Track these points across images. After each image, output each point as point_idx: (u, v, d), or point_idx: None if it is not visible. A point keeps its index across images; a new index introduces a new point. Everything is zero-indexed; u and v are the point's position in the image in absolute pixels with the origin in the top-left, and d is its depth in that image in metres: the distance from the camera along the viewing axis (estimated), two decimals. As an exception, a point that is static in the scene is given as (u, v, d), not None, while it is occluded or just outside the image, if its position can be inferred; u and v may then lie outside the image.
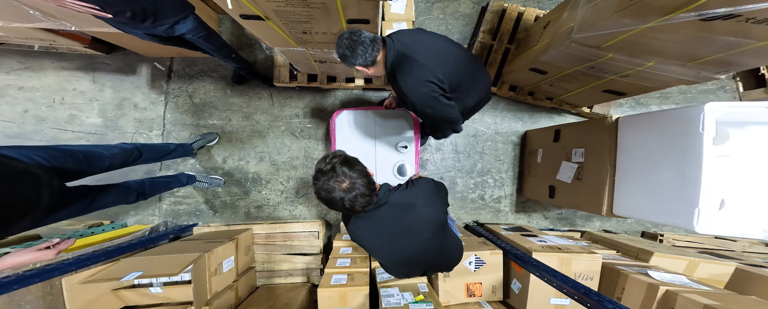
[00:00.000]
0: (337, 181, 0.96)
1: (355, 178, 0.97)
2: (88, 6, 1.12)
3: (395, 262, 1.21)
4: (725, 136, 1.25)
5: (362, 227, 1.15)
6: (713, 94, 2.36)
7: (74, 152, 1.28)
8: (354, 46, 1.16)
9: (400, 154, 1.87)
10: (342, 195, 0.96)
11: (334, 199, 0.97)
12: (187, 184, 2.04)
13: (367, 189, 0.99)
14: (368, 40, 1.17)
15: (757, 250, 2.13)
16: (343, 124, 1.82)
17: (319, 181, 0.97)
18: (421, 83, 1.22)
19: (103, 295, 1.37)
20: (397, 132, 1.86)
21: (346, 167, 0.97)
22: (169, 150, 1.87)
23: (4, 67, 2.17)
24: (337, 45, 1.20)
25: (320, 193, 0.98)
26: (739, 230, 1.10)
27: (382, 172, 1.86)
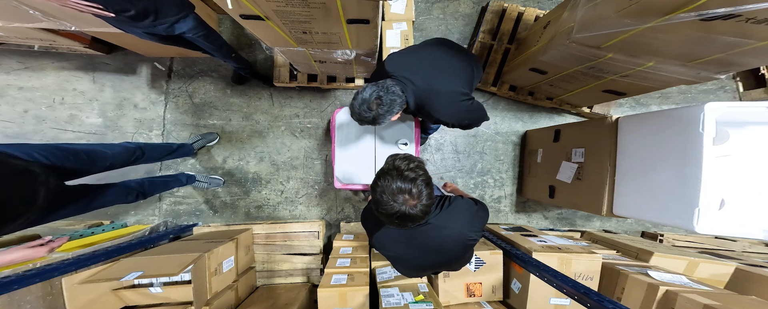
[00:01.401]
0: (409, 195, 0.87)
1: (424, 202, 0.89)
2: (91, 5, 1.11)
3: (415, 270, 1.21)
4: (725, 136, 1.25)
5: (393, 238, 1.08)
6: (713, 94, 2.36)
7: (77, 151, 1.27)
8: (392, 106, 1.20)
9: (398, 151, 1.83)
10: (403, 209, 0.87)
11: (389, 207, 0.88)
12: (186, 183, 2.05)
13: (424, 214, 0.91)
14: (397, 97, 1.20)
15: (757, 250, 2.13)
16: (343, 121, 1.78)
17: (391, 181, 0.88)
18: (454, 106, 1.28)
19: (103, 295, 1.37)
20: (397, 129, 1.82)
21: (426, 187, 0.89)
22: (171, 150, 1.87)
23: (4, 67, 2.17)
24: (366, 108, 1.19)
25: (382, 194, 0.88)
26: (739, 230, 1.10)
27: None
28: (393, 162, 0.93)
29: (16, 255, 0.97)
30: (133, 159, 1.55)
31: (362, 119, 1.23)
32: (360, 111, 1.21)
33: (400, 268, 1.21)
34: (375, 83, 1.21)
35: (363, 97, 1.19)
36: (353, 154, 1.75)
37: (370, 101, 1.18)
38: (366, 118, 1.22)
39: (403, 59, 1.31)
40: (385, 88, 1.19)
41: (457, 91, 1.27)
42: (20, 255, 0.98)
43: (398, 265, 1.20)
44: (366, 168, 1.75)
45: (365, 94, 1.18)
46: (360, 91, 1.21)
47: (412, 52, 1.34)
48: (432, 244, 1.06)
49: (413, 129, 1.82)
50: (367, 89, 1.19)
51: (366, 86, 1.21)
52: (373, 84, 1.21)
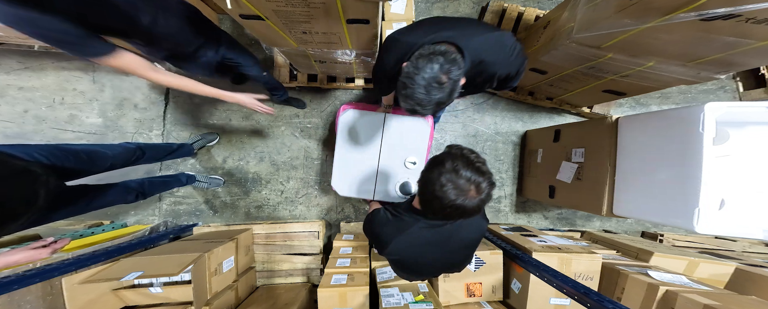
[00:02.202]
0: (477, 188, 0.80)
1: (483, 198, 0.81)
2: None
3: (428, 273, 1.18)
4: (725, 136, 1.25)
5: (421, 240, 1.00)
6: (713, 94, 2.36)
7: (77, 151, 1.27)
8: (460, 74, 0.92)
9: (404, 170, 1.65)
10: (465, 202, 0.80)
11: (450, 198, 0.80)
12: (186, 183, 2.04)
13: (479, 210, 0.84)
14: (460, 60, 0.92)
15: (757, 250, 2.13)
16: (349, 123, 1.62)
17: (460, 171, 0.79)
18: (511, 48, 1.05)
19: (103, 295, 1.37)
20: (407, 141, 1.61)
21: (491, 185, 0.82)
22: (171, 150, 1.87)
23: (4, 67, 2.17)
24: (436, 85, 0.89)
25: (446, 183, 0.79)
26: (739, 230, 1.10)
27: (382, 183, 1.66)
28: (460, 151, 0.84)
29: (18, 256, 0.97)
30: (134, 159, 1.55)
31: (427, 105, 0.92)
32: (429, 93, 0.89)
33: (408, 273, 1.17)
34: (418, 54, 0.90)
35: (425, 73, 0.87)
36: (354, 163, 1.61)
37: (438, 75, 0.87)
38: (433, 101, 0.91)
39: (414, 28, 1.05)
40: (440, 52, 0.88)
41: (501, 32, 1.04)
42: (23, 256, 0.97)
43: (407, 271, 1.14)
44: (366, 180, 1.63)
45: (428, 70, 0.87)
46: (413, 70, 0.89)
47: (417, 25, 1.08)
48: (462, 241, 1.04)
49: (425, 142, 1.62)
50: (421, 63, 0.88)
51: (413, 62, 0.90)
52: (418, 55, 0.90)
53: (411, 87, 0.90)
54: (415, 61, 0.90)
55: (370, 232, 1.10)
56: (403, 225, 1.00)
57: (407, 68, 0.91)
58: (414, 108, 0.95)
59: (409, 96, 0.92)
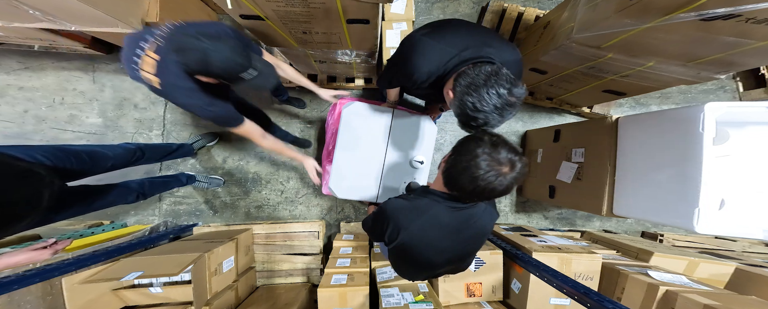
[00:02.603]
0: (511, 167, 0.79)
1: (517, 174, 0.80)
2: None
3: (424, 269, 1.12)
4: (725, 136, 1.25)
5: (437, 227, 0.97)
6: (713, 94, 2.36)
7: (78, 152, 1.27)
8: (521, 101, 0.90)
9: (410, 170, 1.55)
10: (494, 177, 0.79)
11: (479, 170, 0.78)
12: (186, 183, 2.04)
13: (510, 189, 0.83)
14: (522, 93, 0.89)
15: (757, 250, 2.13)
16: (353, 118, 1.48)
17: (498, 148, 0.79)
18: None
19: (103, 295, 1.37)
20: (413, 140, 1.52)
21: (522, 160, 0.82)
22: (170, 150, 1.87)
23: (4, 67, 2.17)
24: (509, 108, 0.88)
25: (483, 160, 0.78)
26: (739, 230, 1.10)
27: (387, 184, 1.55)
28: (495, 137, 0.84)
29: (20, 257, 0.96)
30: (134, 159, 1.55)
31: (499, 125, 0.92)
32: (503, 116, 0.89)
33: (410, 266, 1.13)
34: (473, 83, 0.88)
35: (496, 101, 0.86)
36: (356, 161, 1.48)
37: (508, 98, 0.86)
38: (505, 121, 0.93)
39: (445, 35, 1.03)
40: (497, 73, 0.88)
41: (516, 48, 1.07)
42: (24, 257, 0.97)
43: (410, 262, 1.09)
44: (368, 180, 1.51)
45: (495, 97, 0.85)
46: (478, 102, 0.86)
47: (443, 30, 1.06)
48: (476, 228, 1.02)
49: (432, 143, 1.54)
50: (484, 92, 0.86)
51: (474, 93, 0.87)
52: (475, 84, 0.88)
53: (483, 116, 0.89)
54: (477, 91, 0.87)
55: (383, 219, 1.01)
56: (422, 207, 0.97)
57: (470, 100, 0.87)
58: (468, 124, 0.95)
59: (483, 123, 0.91)
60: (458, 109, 0.93)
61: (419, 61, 1.02)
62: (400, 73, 1.13)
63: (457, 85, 0.93)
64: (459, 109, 0.93)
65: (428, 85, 1.08)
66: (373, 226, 1.08)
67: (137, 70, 1.05)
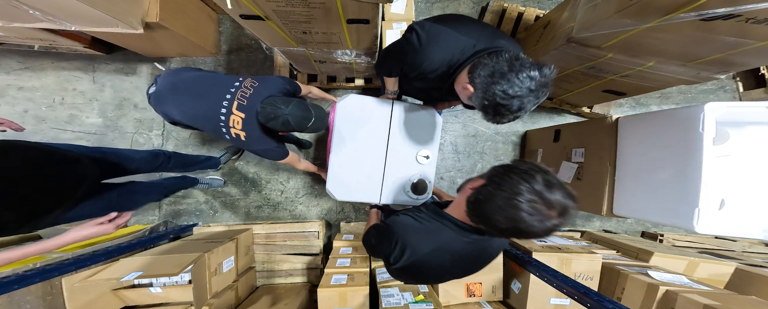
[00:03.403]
0: (559, 209, 0.66)
1: (562, 222, 0.67)
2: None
3: (428, 282, 1.11)
4: (725, 136, 1.25)
5: (446, 246, 0.86)
6: (713, 94, 2.36)
7: (106, 152, 1.35)
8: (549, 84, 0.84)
9: (416, 165, 1.40)
10: (539, 223, 0.66)
11: (522, 214, 0.66)
12: (192, 185, 2.05)
13: (547, 233, 0.71)
14: (551, 71, 0.83)
15: (757, 250, 2.13)
16: (347, 115, 1.35)
17: (549, 185, 0.66)
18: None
19: (103, 295, 1.37)
20: (417, 133, 1.38)
21: (575, 207, 0.68)
22: (197, 160, 1.90)
23: (4, 67, 2.17)
24: (543, 90, 0.83)
25: (524, 194, 0.66)
26: (739, 230, 1.10)
27: (390, 183, 1.39)
28: (548, 173, 0.69)
29: (88, 231, 1.01)
30: (159, 164, 1.59)
31: (523, 109, 0.85)
32: (538, 97, 0.83)
33: (415, 280, 1.08)
34: (497, 70, 0.83)
35: (529, 84, 0.80)
36: (356, 160, 1.36)
37: (540, 79, 0.81)
38: (531, 107, 0.85)
39: (458, 27, 0.97)
40: (520, 58, 0.84)
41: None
42: (92, 231, 1.01)
43: (416, 278, 1.02)
44: (370, 181, 1.37)
45: (528, 80, 0.80)
46: (510, 87, 0.81)
47: (455, 22, 0.99)
48: (488, 256, 0.94)
49: (436, 136, 1.41)
50: (514, 77, 0.81)
51: (503, 80, 0.82)
52: (500, 72, 0.83)
53: (517, 101, 0.82)
54: (504, 77, 0.81)
55: (389, 237, 0.89)
56: (434, 232, 0.86)
57: (499, 88, 0.82)
58: (509, 119, 0.87)
59: (518, 109, 0.84)
60: (485, 101, 0.86)
61: (432, 49, 0.96)
62: (406, 61, 1.05)
63: (477, 76, 0.87)
64: (486, 100, 0.85)
65: (435, 76, 1.02)
66: (377, 244, 0.96)
67: (225, 126, 1.20)
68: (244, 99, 1.19)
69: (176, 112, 1.29)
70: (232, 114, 1.19)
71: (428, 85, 1.15)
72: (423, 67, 1.00)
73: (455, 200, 0.90)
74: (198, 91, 1.25)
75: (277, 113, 1.14)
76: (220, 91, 1.21)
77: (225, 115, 1.19)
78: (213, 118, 1.21)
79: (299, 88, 1.40)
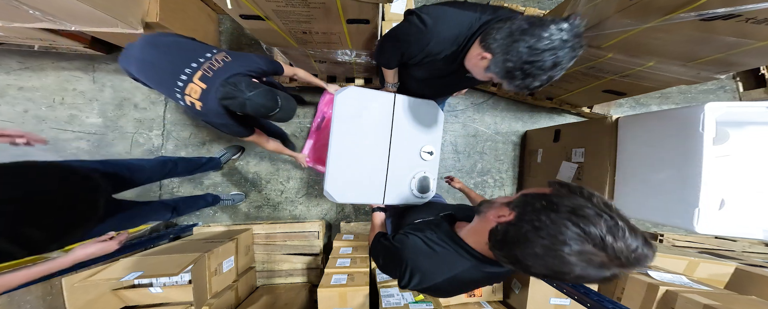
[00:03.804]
0: (638, 256, 0.51)
1: (639, 266, 0.52)
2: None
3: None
4: (725, 136, 1.25)
5: (460, 276, 0.75)
6: (713, 94, 2.36)
7: (118, 164, 1.33)
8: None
9: (420, 162, 1.31)
10: (606, 273, 0.53)
11: (574, 271, 0.53)
12: (213, 204, 2.05)
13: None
14: (580, 22, 0.77)
15: (757, 250, 2.13)
16: (349, 104, 1.21)
17: (614, 230, 0.51)
18: None
19: (103, 295, 1.37)
20: (420, 128, 1.31)
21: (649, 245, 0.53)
22: (200, 163, 1.90)
23: (4, 67, 2.17)
24: (572, 51, 0.75)
25: (578, 251, 0.51)
26: (739, 230, 1.10)
27: (394, 182, 1.27)
28: (609, 207, 0.55)
29: (92, 249, 1.03)
30: (168, 170, 1.59)
31: (558, 65, 0.75)
32: (575, 50, 0.75)
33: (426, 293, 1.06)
34: (523, 19, 0.77)
35: (561, 35, 0.72)
36: (355, 160, 1.23)
37: (573, 29, 0.73)
38: (567, 63, 0.76)
39: (461, 6, 0.93)
40: (542, 17, 0.77)
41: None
42: (96, 248, 1.04)
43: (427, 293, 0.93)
44: (373, 181, 1.25)
45: (557, 32, 0.72)
46: (535, 29, 0.73)
47: (456, 4, 0.96)
48: (500, 278, 0.89)
49: (439, 130, 1.34)
50: (545, 30, 0.72)
51: (528, 23, 0.74)
52: (525, 19, 0.76)
53: (551, 55, 0.72)
54: (527, 33, 0.73)
55: (398, 261, 0.79)
56: (449, 261, 0.75)
57: (524, 45, 0.73)
58: (542, 80, 0.77)
59: (553, 65, 0.74)
60: (508, 63, 0.77)
61: (438, 28, 0.92)
62: (410, 46, 1.00)
63: (493, 41, 0.80)
64: (510, 61, 0.76)
65: (443, 57, 0.97)
66: (385, 265, 0.87)
67: (180, 92, 1.18)
68: (211, 71, 1.17)
69: (136, 66, 1.23)
70: (191, 82, 1.16)
71: (432, 72, 1.09)
72: (429, 48, 0.96)
73: (474, 226, 0.77)
74: (166, 51, 1.21)
75: (235, 95, 1.13)
76: (187, 57, 1.19)
77: (183, 82, 1.16)
78: (169, 82, 1.18)
79: (281, 69, 1.39)
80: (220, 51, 1.23)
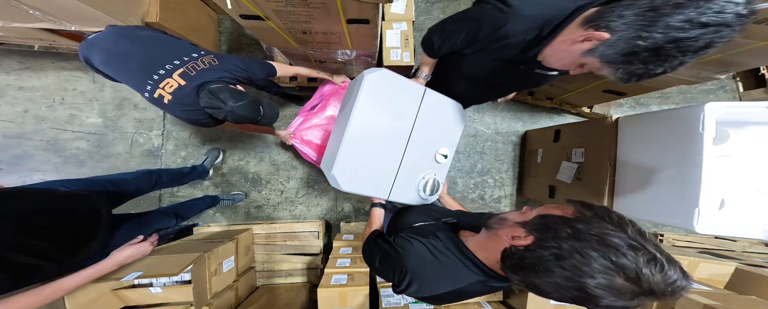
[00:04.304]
0: (649, 292, 0.48)
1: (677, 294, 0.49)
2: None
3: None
4: (725, 136, 1.25)
5: (466, 289, 0.72)
6: (713, 94, 2.36)
7: (101, 181, 1.33)
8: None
9: (432, 163, 1.25)
10: (633, 303, 0.49)
11: (600, 303, 0.50)
12: (213, 204, 2.06)
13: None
14: None
15: (757, 250, 2.14)
16: (378, 88, 1.09)
17: (643, 269, 0.47)
18: None
19: (103, 295, 1.37)
20: (441, 129, 1.24)
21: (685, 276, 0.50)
22: (185, 172, 1.89)
23: (4, 67, 2.17)
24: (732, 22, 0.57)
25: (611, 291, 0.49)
26: (739, 230, 1.10)
27: (403, 178, 1.20)
28: (643, 236, 0.51)
29: (128, 252, 1.10)
30: (155, 182, 1.59)
31: (701, 51, 0.61)
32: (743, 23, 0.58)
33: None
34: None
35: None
36: (370, 148, 1.13)
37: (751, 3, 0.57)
38: (711, 47, 0.60)
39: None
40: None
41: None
42: (131, 251, 1.11)
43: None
44: (383, 174, 1.18)
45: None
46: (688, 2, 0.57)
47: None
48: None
49: (458, 134, 1.29)
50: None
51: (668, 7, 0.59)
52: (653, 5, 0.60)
53: (710, 31, 0.57)
54: (683, 5, 0.58)
55: (397, 268, 0.75)
56: (451, 273, 0.72)
57: (681, 17, 0.58)
58: (673, 65, 0.63)
59: (705, 46, 0.59)
60: (640, 43, 0.62)
61: (525, 7, 0.79)
62: (482, 24, 0.87)
63: (616, 18, 0.65)
64: (646, 41, 0.61)
65: (516, 43, 0.83)
66: (381, 268, 0.82)
67: (153, 84, 1.18)
68: (194, 70, 1.18)
69: (101, 56, 1.19)
70: (169, 77, 1.17)
71: (488, 65, 0.97)
72: (504, 30, 0.82)
73: (482, 241, 0.73)
74: (143, 44, 1.20)
75: (219, 105, 1.15)
76: (171, 52, 1.20)
77: (160, 76, 1.17)
78: (141, 73, 1.18)
79: (273, 71, 1.40)
80: (209, 54, 1.24)
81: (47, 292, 0.89)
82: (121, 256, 1.08)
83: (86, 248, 1.11)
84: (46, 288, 0.90)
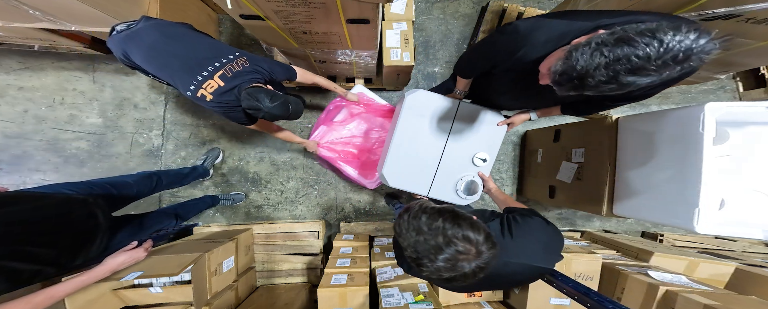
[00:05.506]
0: (458, 251, 0.62)
1: (480, 241, 0.64)
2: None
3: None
4: (725, 136, 1.25)
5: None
6: (713, 94, 2.36)
7: (103, 184, 1.34)
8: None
9: (470, 166, 1.42)
10: (471, 266, 0.63)
11: (462, 274, 0.64)
12: (212, 204, 2.06)
13: (493, 247, 0.66)
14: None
15: (757, 250, 2.14)
16: (416, 105, 1.37)
17: (432, 255, 0.63)
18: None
19: (103, 295, 1.37)
20: (477, 136, 1.40)
21: (464, 226, 0.65)
22: (185, 173, 1.89)
23: (4, 67, 2.17)
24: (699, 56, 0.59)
25: (439, 273, 0.64)
26: (739, 230, 1.10)
27: (441, 178, 1.43)
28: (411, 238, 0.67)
29: (122, 258, 1.11)
30: (154, 185, 1.59)
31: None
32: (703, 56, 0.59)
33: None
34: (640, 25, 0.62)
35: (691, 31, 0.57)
36: (413, 151, 1.40)
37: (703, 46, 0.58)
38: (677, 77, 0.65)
39: (564, 16, 0.86)
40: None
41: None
42: (126, 256, 1.12)
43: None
44: (422, 172, 1.42)
45: (686, 25, 0.58)
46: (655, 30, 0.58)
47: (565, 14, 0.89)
48: (497, 281, 0.91)
49: (499, 141, 1.42)
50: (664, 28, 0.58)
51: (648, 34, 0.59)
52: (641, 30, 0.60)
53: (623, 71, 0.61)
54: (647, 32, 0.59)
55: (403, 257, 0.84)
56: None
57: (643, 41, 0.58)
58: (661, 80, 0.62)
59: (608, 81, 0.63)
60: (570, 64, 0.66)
61: (532, 32, 0.85)
62: (495, 53, 0.99)
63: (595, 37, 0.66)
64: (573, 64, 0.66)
65: (534, 60, 0.86)
66: (396, 253, 0.94)
67: (196, 84, 1.24)
68: (231, 72, 1.26)
69: (142, 51, 1.27)
70: (211, 79, 1.24)
71: (511, 78, 1.05)
72: (519, 54, 0.89)
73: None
74: (182, 43, 1.27)
75: (258, 106, 1.24)
76: (212, 54, 1.27)
77: (203, 77, 1.24)
78: (186, 73, 1.24)
79: (294, 75, 1.47)
80: (242, 55, 1.32)
81: (39, 300, 0.90)
82: (114, 263, 1.09)
83: (86, 252, 1.12)
84: (38, 295, 0.90)
